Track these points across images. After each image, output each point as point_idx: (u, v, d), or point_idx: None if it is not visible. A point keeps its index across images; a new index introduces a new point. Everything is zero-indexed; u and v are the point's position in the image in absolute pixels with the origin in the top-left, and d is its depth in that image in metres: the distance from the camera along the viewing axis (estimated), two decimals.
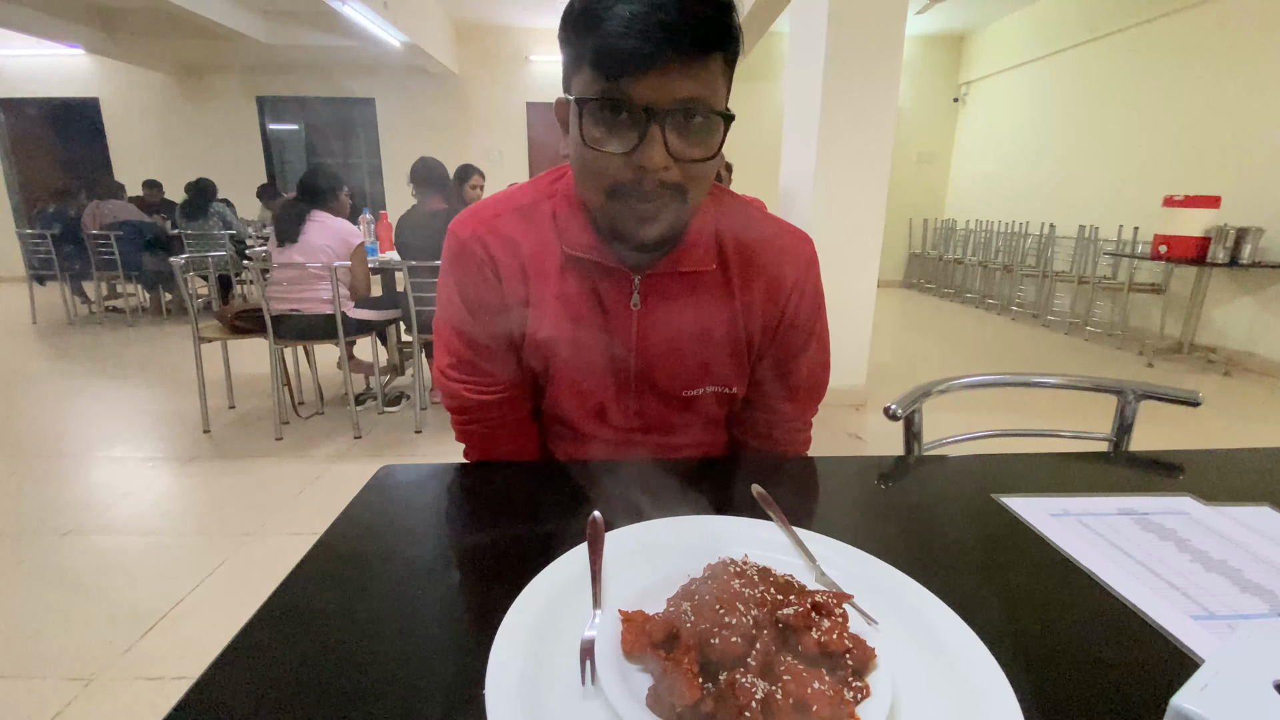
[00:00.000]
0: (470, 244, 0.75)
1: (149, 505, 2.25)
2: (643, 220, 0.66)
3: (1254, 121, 4.17)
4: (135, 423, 3.07)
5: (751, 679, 0.36)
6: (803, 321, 0.81)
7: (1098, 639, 0.46)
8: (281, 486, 2.37)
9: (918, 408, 0.92)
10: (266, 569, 1.85)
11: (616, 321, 0.76)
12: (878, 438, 2.96)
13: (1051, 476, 0.74)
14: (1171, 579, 0.53)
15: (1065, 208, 5.85)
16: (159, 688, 1.40)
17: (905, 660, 0.41)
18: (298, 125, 8.17)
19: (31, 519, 2.13)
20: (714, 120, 0.63)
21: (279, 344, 2.77)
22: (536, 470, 0.81)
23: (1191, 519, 0.62)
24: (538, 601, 0.46)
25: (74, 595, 1.73)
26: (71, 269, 5.33)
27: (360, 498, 0.65)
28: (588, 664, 0.40)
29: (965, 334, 5.50)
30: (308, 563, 0.54)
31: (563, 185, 0.76)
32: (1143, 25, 5.03)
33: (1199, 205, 4.07)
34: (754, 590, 0.43)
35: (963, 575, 0.54)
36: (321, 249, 2.72)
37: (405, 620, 0.47)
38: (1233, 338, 4.32)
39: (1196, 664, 0.43)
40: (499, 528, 0.61)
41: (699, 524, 0.57)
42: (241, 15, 5.90)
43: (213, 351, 3.08)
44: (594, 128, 0.62)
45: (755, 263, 0.77)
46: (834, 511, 0.68)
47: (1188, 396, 0.90)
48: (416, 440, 2.86)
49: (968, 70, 7.51)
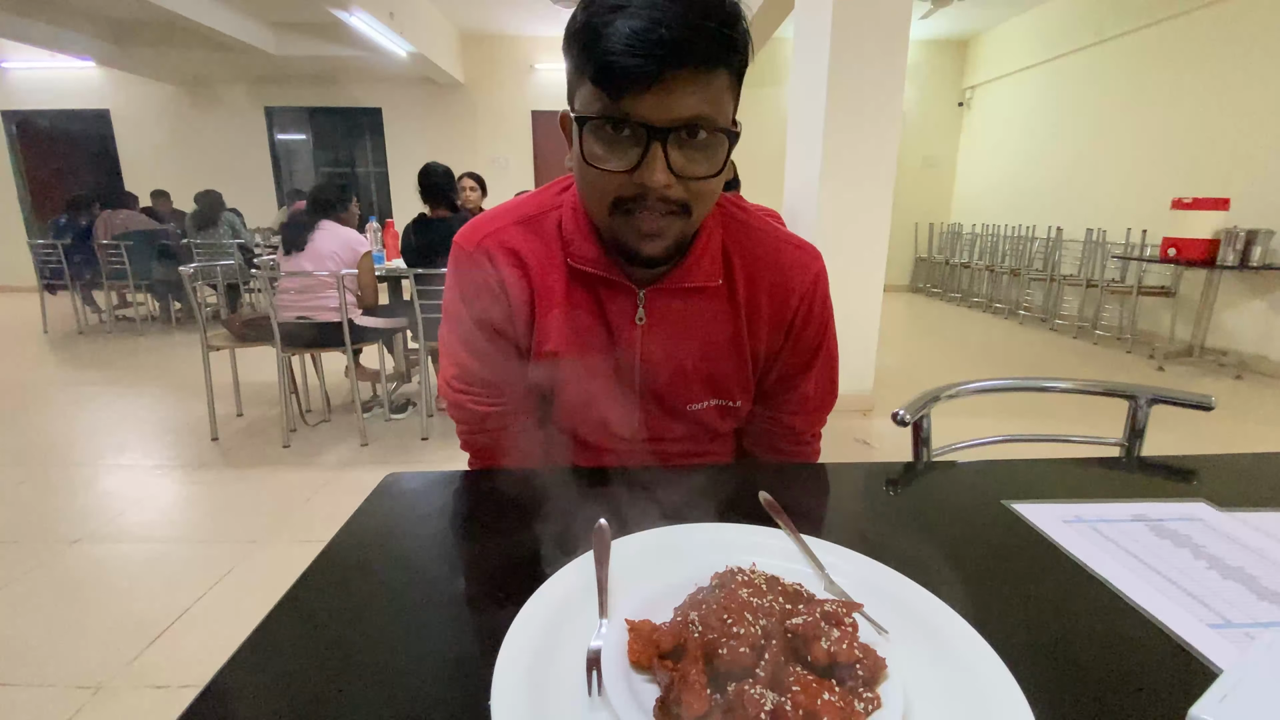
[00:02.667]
0: (475, 256, 0.75)
1: (157, 513, 2.26)
2: (646, 237, 0.65)
3: (1263, 122, 4.14)
4: (144, 431, 3.09)
5: (760, 690, 0.35)
6: (810, 337, 0.80)
7: (1113, 648, 0.45)
8: (289, 494, 2.38)
9: (926, 413, 0.91)
10: (274, 577, 1.85)
11: (621, 336, 0.75)
12: (885, 443, 2.95)
13: (1063, 482, 0.73)
14: (1188, 587, 0.52)
15: (1072, 211, 5.82)
16: (166, 696, 1.40)
17: (917, 671, 0.41)
18: (305, 135, 8.24)
19: (40, 527, 2.14)
20: (718, 137, 0.61)
21: (286, 352, 2.79)
22: (542, 478, 0.81)
23: (1207, 525, 0.61)
24: (543, 611, 0.45)
25: (82, 603, 1.73)
26: (82, 278, 5.38)
27: (365, 506, 0.65)
28: (594, 674, 0.39)
29: (972, 338, 5.47)
30: (312, 572, 0.53)
31: (569, 196, 0.76)
32: (1150, 28, 5.01)
33: (1208, 207, 4.05)
34: (762, 599, 0.42)
35: (974, 583, 0.53)
36: (329, 256, 2.73)
37: (410, 629, 0.47)
38: (1244, 341, 4.28)
39: (1214, 673, 0.42)
40: (504, 535, 0.61)
41: (706, 532, 0.56)
42: (249, 27, 5.96)
43: (221, 360, 3.09)
44: (595, 145, 0.62)
45: (762, 278, 0.76)
46: (842, 518, 0.67)
47: (1201, 401, 0.89)
48: (423, 447, 2.86)
49: (972, 74, 7.50)
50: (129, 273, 5.10)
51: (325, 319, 2.75)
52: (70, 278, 5.30)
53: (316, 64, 7.05)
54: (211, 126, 7.88)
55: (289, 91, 7.81)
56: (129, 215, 5.35)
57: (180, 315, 5.83)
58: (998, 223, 6.83)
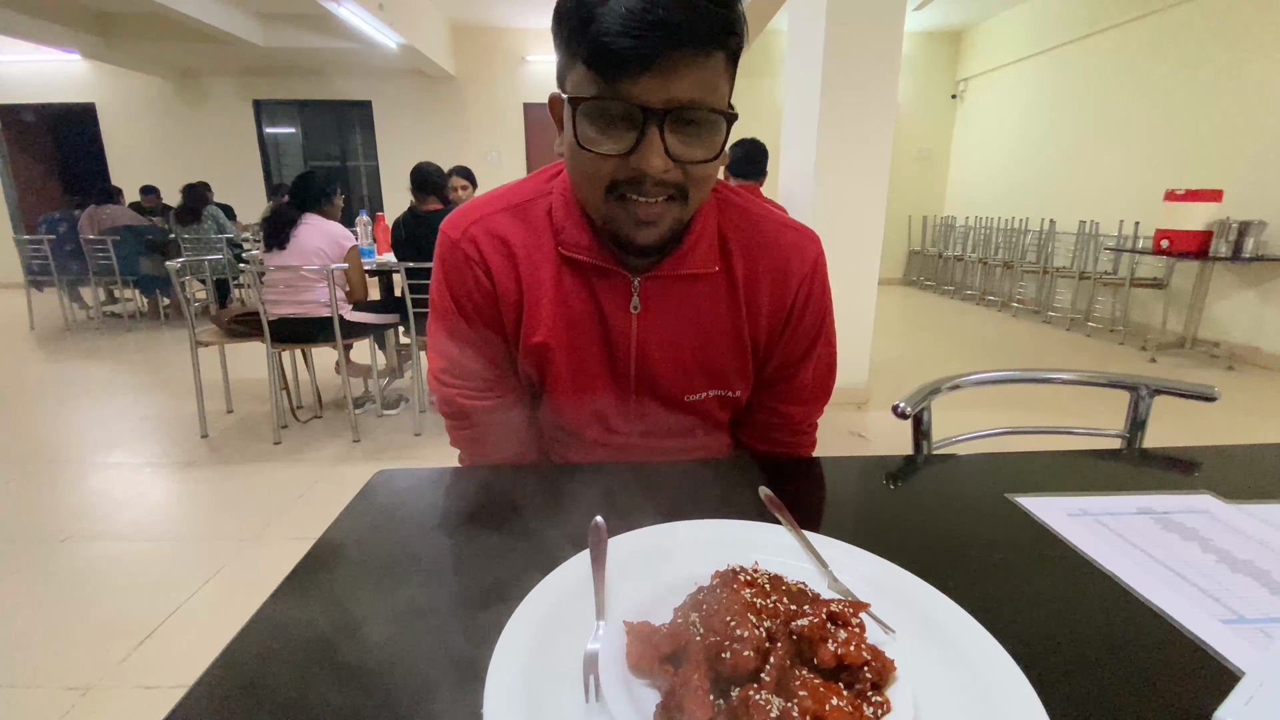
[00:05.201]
0: (461, 244, 0.73)
1: (147, 511, 2.23)
2: (641, 223, 0.63)
3: (1255, 114, 4.15)
4: (133, 428, 3.05)
5: (766, 695, 0.34)
6: (809, 323, 0.78)
7: (1125, 646, 0.44)
8: (280, 491, 2.36)
9: (926, 405, 0.90)
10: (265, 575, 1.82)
11: (615, 325, 0.73)
12: (880, 436, 2.95)
13: (1065, 475, 0.72)
14: (1198, 581, 0.51)
15: (1065, 203, 5.83)
16: (156, 697, 1.38)
17: (926, 671, 0.39)
18: (294, 128, 8.15)
19: (29, 526, 2.11)
20: (715, 120, 0.60)
21: (276, 348, 2.76)
22: (536, 474, 0.79)
23: (1213, 518, 0.60)
24: (538, 612, 0.44)
25: (71, 603, 1.71)
26: (69, 274, 5.31)
27: (355, 504, 0.63)
28: (591, 679, 0.38)
29: (966, 331, 5.48)
30: (300, 571, 0.52)
31: (559, 183, 0.74)
32: (1143, 19, 5.01)
33: (1201, 199, 4.05)
34: (766, 600, 0.41)
35: (980, 580, 0.51)
36: (314, 251, 2.70)
37: (401, 630, 0.45)
38: (1236, 332, 4.30)
39: (1229, 670, 0.41)
40: (498, 534, 0.59)
41: (705, 529, 0.55)
42: (237, 19, 5.88)
43: (210, 356, 3.06)
44: (589, 129, 0.60)
45: (760, 263, 0.75)
46: (844, 514, 0.66)
47: (1204, 391, 0.88)
48: (416, 443, 2.84)
49: (966, 66, 7.49)
50: (116, 268, 5.04)
51: (315, 314, 2.72)
52: (57, 274, 5.24)
53: (305, 56, 6.96)
54: (199, 120, 7.79)
55: (278, 84, 7.72)
56: (115, 210, 5.28)
57: (169, 311, 5.77)
58: (991, 215, 6.83)
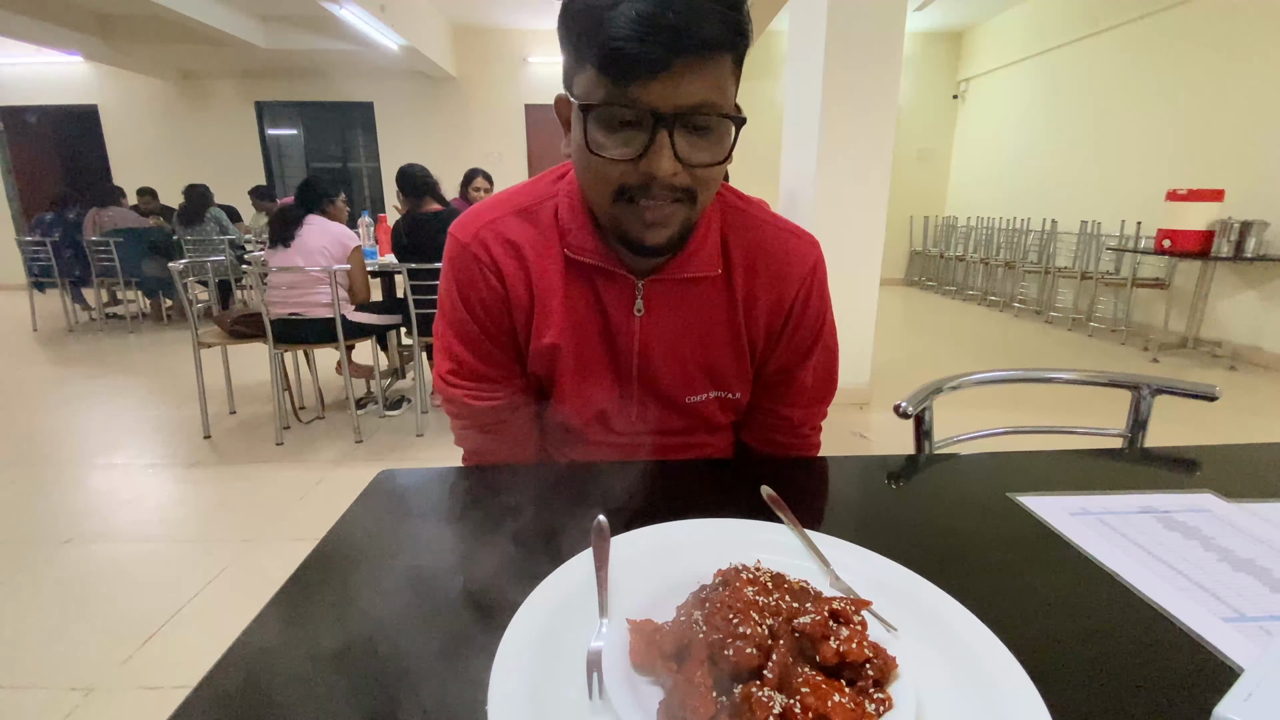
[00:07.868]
0: (472, 248, 0.73)
1: (150, 512, 2.24)
2: (650, 226, 0.64)
3: (1257, 114, 4.15)
4: (136, 429, 3.06)
5: (768, 692, 0.34)
6: (808, 327, 0.79)
7: (1127, 644, 0.44)
8: (283, 492, 2.36)
9: (928, 405, 0.90)
10: (268, 575, 1.83)
11: (619, 327, 0.74)
12: (882, 436, 2.94)
13: (1067, 474, 0.72)
14: (1200, 580, 0.51)
15: (1067, 203, 5.83)
16: (159, 697, 1.38)
17: (928, 669, 0.39)
18: (296, 130, 8.16)
19: (33, 527, 2.12)
20: (724, 123, 0.60)
21: (279, 348, 2.76)
22: (539, 473, 0.79)
23: (1215, 516, 0.60)
24: (541, 611, 0.44)
25: (74, 603, 1.71)
26: (71, 276, 5.32)
27: (357, 504, 0.63)
28: (595, 676, 0.38)
29: (968, 331, 5.48)
30: (303, 571, 0.52)
31: (565, 185, 0.74)
32: (1145, 19, 5.00)
33: (1202, 199, 4.05)
34: (768, 598, 0.41)
35: (982, 578, 0.52)
36: (319, 251, 2.71)
37: (405, 629, 0.45)
38: (1238, 332, 4.29)
39: (1230, 668, 0.41)
40: (500, 533, 0.59)
41: (708, 527, 0.55)
42: (239, 20, 5.89)
43: (213, 357, 3.07)
44: (599, 133, 0.60)
45: (760, 267, 0.75)
46: (846, 513, 0.66)
47: (1205, 391, 0.88)
48: (418, 444, 2.84)
49: (967, 66, 7.49)
50: (118, 270, 5.05)
51: (317, 315, 2.73)
52: (59, 275, 5.25)
53: (307, 58, 6.98)
54: (201, 122, 7.81)
55: (279, 86, 7.74)
56: (118, 212, 5.29)
57: (171, 312, 5.78)
58: (992, 215, 6.83)
